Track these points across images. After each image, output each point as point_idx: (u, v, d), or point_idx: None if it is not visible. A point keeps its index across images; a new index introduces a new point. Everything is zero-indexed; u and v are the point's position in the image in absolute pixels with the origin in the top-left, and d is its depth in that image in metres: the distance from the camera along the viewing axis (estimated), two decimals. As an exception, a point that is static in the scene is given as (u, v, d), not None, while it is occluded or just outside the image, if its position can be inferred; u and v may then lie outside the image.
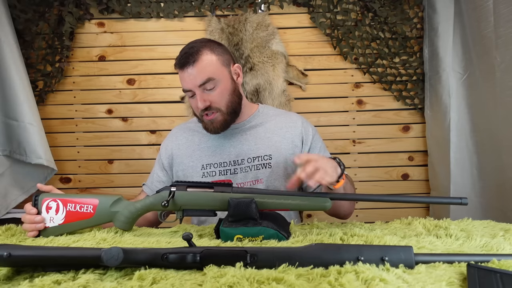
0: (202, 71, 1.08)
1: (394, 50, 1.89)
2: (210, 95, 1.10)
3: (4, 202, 1.74)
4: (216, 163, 1.17)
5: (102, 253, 0.57)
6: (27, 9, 1.83)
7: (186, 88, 1.11)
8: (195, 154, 1.20)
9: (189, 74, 1.08)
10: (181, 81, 1.12)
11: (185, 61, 1.09)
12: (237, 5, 1.88)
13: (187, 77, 1.09)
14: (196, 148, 1.21)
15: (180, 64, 1.10)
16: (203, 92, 1.09)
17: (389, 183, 1.97)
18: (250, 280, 0.53)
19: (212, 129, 1.14)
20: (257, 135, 1.20)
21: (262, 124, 1.22)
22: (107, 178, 1.96)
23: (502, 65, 1.32)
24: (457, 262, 0.59)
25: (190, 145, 1.22)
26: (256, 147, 1.17)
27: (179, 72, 1.12)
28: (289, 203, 0.85)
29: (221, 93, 1.11)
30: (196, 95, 1.09)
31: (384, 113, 1.95)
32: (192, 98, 1.13)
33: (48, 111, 1.93)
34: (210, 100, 1.10)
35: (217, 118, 1.12)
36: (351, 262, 0.56)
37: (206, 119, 1.12)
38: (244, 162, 1.16)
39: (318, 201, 0.85)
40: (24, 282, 0.56)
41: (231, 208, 0.78)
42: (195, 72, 1.08)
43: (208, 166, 1.18)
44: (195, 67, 1.08)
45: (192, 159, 1.20)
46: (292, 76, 1.91)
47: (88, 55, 1.93)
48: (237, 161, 1.16)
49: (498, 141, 1.41)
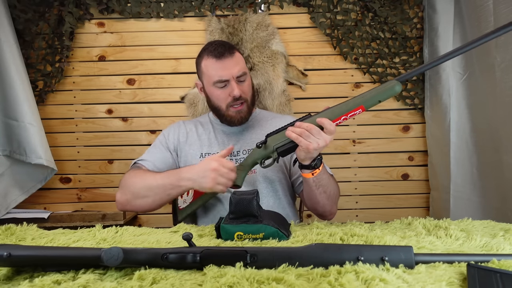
0: (239, 63, 1.21)
1: (394, 50, 1.89)
2: (242, 87, 1.21)
3: (4, 202, 1.73)
4: (214, 153, 1.24)
5: (102, 253, 0.57)
6: (27, 9, 1.83)
7: (223, 77, 1.19)
8: (196, 143, 1.28)
9: (228, 64, 1.19)
10: (216, 70, 1.19)
11: (223, 52, 1.19)
12: (237, 5, 1.88)
13: (226, 66, 1.18)
14: (196, 138, 1.30)
15: (217, 54, 1.19)
16: (237, 83, 1.20)
17: (389, 183, 1.97)
18: (250, 280, 0.53)
19: (239, 119, 1.24)
20: (253, 132, 1.30)
21: (259, 124, 1.32)
22: (107, 178, 1.96)
23: (502, 65, 1.32)
24: (457, 262, 0.59)
25: (192, 134, 1.31)
26: (252, 141, 1.25)
27: (214, 62, 1.19)
28: (362, 100, 0.94)
29: (249, 87, 1.24)
30: (232, 84, 1.18)
31: (384, 113, 1.95)
32: (221, 89, 1.21)
33: (48, 111, 1.93)
34: (243, 90, 1.21)
35: (244, 109, 1.23)
36: (351, 262, 0.56)
37: (234, 109, 1.22)
38: (239, 154, 1.25)
39: (385, 88, 0.93)
40: (24, 282, 0.56)
41: (232, 205, 0.78)
42: (233, 63, 1.19)
43: (206, 155, 1.26)
44: (233, 59, 1.20)
45: (192, 147, 1.28)
46: (292, 76, 1.91)
47: (88, 55, 1.93)
48: (233, 153, 1.26)
49: (498, 141, 1.41)
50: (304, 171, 1.05)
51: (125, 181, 1.16)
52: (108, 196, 1.96)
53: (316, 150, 0.96)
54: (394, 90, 0.93)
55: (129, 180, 1.15)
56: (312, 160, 1.02)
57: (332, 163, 1.92)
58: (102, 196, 1.96)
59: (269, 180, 1.23)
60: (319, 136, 0.95)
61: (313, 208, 1.18)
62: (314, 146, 0.94)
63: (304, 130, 0.95)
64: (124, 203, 1.16)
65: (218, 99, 1.22)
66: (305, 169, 1.04)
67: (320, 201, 1.12)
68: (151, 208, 1.14)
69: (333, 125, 0.95)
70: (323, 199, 1.11)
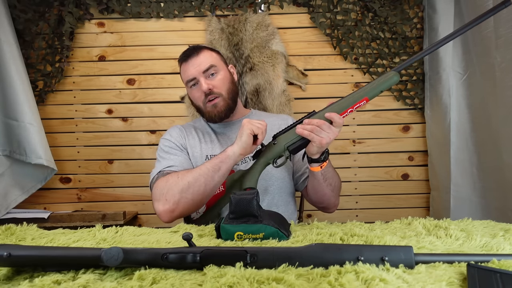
0: (205, 60, 1.22)
1: (394, 50, 1.89)
2: (212, 81, 1.22)
3: (4, 202, 1.73)
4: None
5: (102, 253, 0.57)
6: (27, 9, 1.83)
7: (190, 76, 1.21)
8: (198, 146, 1.27)
9: (193, 63, 1.21)
10: (185, 72, 1.23)
11: (189, 54, 1.22)
12: (237, 5, 1.88)
13: (191, 66, 1.21)
14: (197, 141, 1.28)
15: (184, 57, 1.23)
16: (206, 78, 1.21)
17: (389, 183, 1.97)
18: (250, 280, 0.52)
19: (216, 114, 1.23)
20: None
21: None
22: (107, 178, 1.96)
23: (502, 65, 1.32)
24: (457, 262, 0.59)
25: (194, 137, 1.30)
26: None
27: (183, 65, 1.23)
28: (365, 92, 0.99)
29: (222, 80, 1.24)
30: (200, 81, 1.20)
31: (384, 113, 1.95)
32: (194, 88, 1.23)
33: (48, 111, 1.93)
34: (213, 84, 1.21)
35: (220, 103, 1.22)
36: (351, 262, 0.56)
37: (209, 104, 1.22)
38: None
39: (385, 79, 0.99)
40: (24, 282, 0.56)
41: (232, 205, 0.78)
42: (199, 60, 1.21)
43: (211, 156, 1.22)
44: (199, 57, 1.22)
45: (196, 149, 1.27)
46: (292, 76, 1.91)
47: (88, 55, 1.93)
48: None
49: (498, 141, 1.41)
50: (313, 165, 1.09)
51: (162, 189, 1.08)
52: (108, 196, 1.96)
53: (327, 144, 1.00)
54: (393, 80, 1.01)
55: (166, 185, 1.08)
56: (321, 154, 1.07)
57: (332, 163, 1.91)
58: (102, 196, 1.96)
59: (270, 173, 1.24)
60: (329, 130, 0.99)
61: (320, 201, 1.22)
62: (326, 140, 0.99)
63: (315, 127, 0.99)
64: (170, 210, 1.07)
65: (195, 99, 1.26)
66: (315, 162, 1.08)
67: (327, 193, 1.17)
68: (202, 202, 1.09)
69: (341, 118, 1.00)
70: (329, 191, 1.17)
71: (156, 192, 1.09)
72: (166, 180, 1.09)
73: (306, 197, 1.32)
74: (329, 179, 1.16)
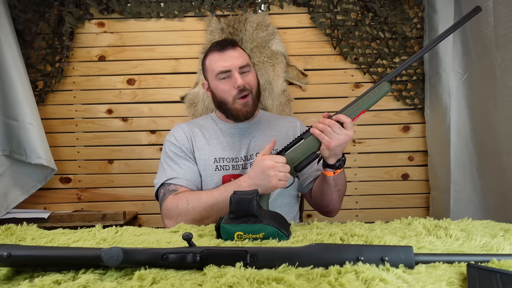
0: (242, 55, 1.23)
1: (394, 50, 1.89)
2: (245, 78, 1.22)
3: (4, 202, 1.73)
4: (229, 157, 1.23)
5: (102, 253, 0.57)
6: (27, 9, 1.83)
7: (225, 67, 1.20)
8: (206, 148, 1.25)
9: (230, 55, 1.20)
10: (217, 62, 1.21)
11: (225, 45, 1.22)
12: (237, 5, 1.88)
13: (228, 57, 1.20)
14: (205, 143, 1.26)
15: (219, 47, 1.21)
16: (240, 74, 1.20)
17: (389, 183, 1.97)
18: (250, 280, 0.52)
19: (244, 113, 1.23)
20: (262, 133, 1.29)
21: (266, 124, 1.32)
22: (107, 178, 1.96)
23: (502, 65, 1.32)
24: (457, 262, 0.59)
25: (200, 138, 1.27)
26: (263, 143, 1.25)
27: (217, 54, 1.21)
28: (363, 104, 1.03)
29: (253, 79, 1.25)
30: (235, 75, 1.19)
31: (384, 113, 1.95)
32: (224, 81, 1.21)
33: (48, 111, 1.93)
34: (246, 81, 1.21)
35: (249, 102, 1.23)
36: (351, 262, 0.56)
37: (241, 101, 1.21)
38: (253, 157, 1.24)
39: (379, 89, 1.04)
40: (24, 282, 0.56)
41: (232, 205, 0.78)
42: (236, 54, 1.21)
43: (220, 160, 1.23)
44: (236, 51, 1.22)
45: (204, 152, 1.24)
46: (292, 76, 1.91)
47: (88, 55, 1.93)
48: (247, 156, 1.24)
49: (498, 141, 1.40)
50: (327, 170, 1.09)
51: (172, 211, 1.10)
52: (108, 196, 1.96)
53: (337, 146, 1.00)
54: (386, 89, 1.04)
55: (176, 209, 1.10)
56: (337, 160, 1.06)
57: (332, 163, 1.92)
58: (102, 196, 1.96)
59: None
60: (340, 131, 0.99)
61: (325, 205, 1.22)
62: (335, 142, 0.99)
63: (326, 126, 0.99)
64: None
65: (223, 92, 1.22)
66: (329, 168, 1.08)
67: (333, 198, 1.18)
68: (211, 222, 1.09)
69: (349, 118, 1.01)
70: (336, 196, 1.18)
71: (166, 211, 1.12)
72: (176, 204, 1.10)
73: (309, 200, 1.31)
74: (339, 185, 1.16)
